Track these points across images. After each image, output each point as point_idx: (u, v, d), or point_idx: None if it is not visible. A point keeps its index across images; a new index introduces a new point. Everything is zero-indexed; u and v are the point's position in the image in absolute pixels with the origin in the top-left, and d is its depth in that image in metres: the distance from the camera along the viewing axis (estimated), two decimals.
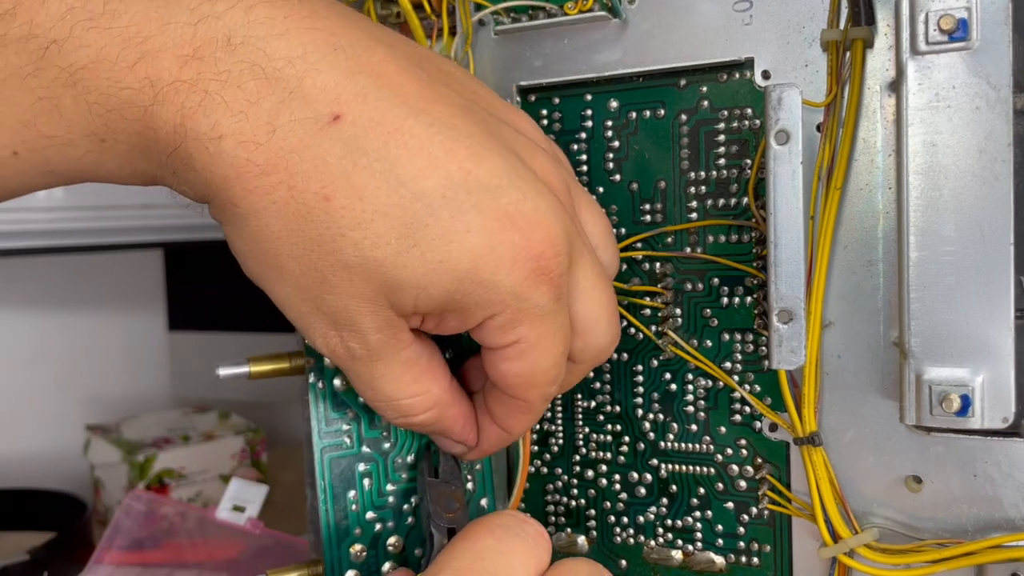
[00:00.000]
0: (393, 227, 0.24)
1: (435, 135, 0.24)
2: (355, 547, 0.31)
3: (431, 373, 0.28)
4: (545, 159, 0.28)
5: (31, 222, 0.68)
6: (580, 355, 0.29)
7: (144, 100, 0.22)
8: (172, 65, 0.22)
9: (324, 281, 0.24)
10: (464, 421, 0.29)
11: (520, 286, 0.25)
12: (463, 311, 0.25)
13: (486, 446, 0.31)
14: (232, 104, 0.23)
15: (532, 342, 0.26)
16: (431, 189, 0.24)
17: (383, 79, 0.24)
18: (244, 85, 0.23)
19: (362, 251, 0.24)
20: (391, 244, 0.24)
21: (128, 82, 0.22)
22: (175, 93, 0.22)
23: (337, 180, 0.23)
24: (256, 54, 0.23)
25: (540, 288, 0.25)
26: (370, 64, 0.24)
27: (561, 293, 0.26)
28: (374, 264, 0.24)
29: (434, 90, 0.25)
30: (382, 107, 0.24)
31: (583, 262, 0.27)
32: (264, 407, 0.90)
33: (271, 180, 0.23)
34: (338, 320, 0.25)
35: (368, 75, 0.24)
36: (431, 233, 0.24)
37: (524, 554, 0.25)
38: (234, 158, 0.23)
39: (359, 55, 0.24)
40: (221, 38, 0.23)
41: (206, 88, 0.23)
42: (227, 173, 0.23)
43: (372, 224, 0.24)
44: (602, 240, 0.30)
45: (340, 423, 0.31)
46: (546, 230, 0.25)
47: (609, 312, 0.29)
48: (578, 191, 0.30)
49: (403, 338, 0.26)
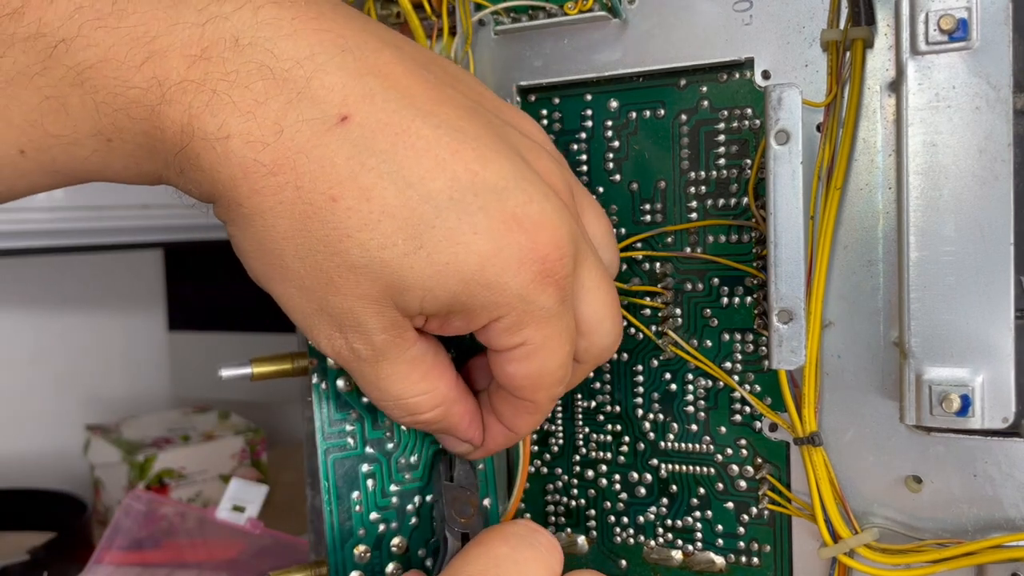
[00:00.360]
0: (400, 228, 0.24)
1: (442, 137, 0.24)
2: (359, 548, 0.31)
3: (437, 371, 0.28)
4: (549, 161, 0.28)
5: (31, 222, 0.68)
6: (584, 355, 0.29)
7: (151, 99, 0.22)
8: (180, 65, 0.22)
9: (330, 282, 0.24)
10: (470, 419, 0.30)
11: (526, 288, 0.25)
12: (469, 313, 0.25)
13: (491, 445, 0.31)
14: (240, 104, 0.23)
15: (538, 344, 0.26)
16: (438, 191, 0.24)
17: (390, 80, 0.24)
18: (252, 85, 0.23)
19: (369, 252, 0.24)
20: (398, 245, 0.24)
21: (135, 81, 0.22)
22: (182, 93, 0.22)
23: (344, 181, 0.23)
24: (264, 55, 0.23)
25: (546, 290, 0.25)
26: (377, 65, 0.24)
27: (566, 295, 0.26)
28: (380, 265, 0.24)
29: (440, 92, 0.25)
30: (389, 108, 0.24)
31: (587, 264, 0.27)
32: (264, 407, 0.90)
33: (278, 180, 0.23)
34: (343, 321, 0.25)
35: (376, 76, 0.24)
36: (438, 235, 0.24)
37: (537, 564, 0.26)
38: (241, 158, 0.23)
39: (367, 56, 0.24)
40: (229, 38, 0.23)
41: (214, 88, 0.23)
42: (234, 173, 0.23)
43: (379, 225, 0.24)
44: (604, 241, 0.30)
45: (344, 424, 0.31)
46: (552, 232, 0.25)
47: (613, 313, 0.29)
48: (581, 193, 0.30)
49: (408, 337, 0.26)
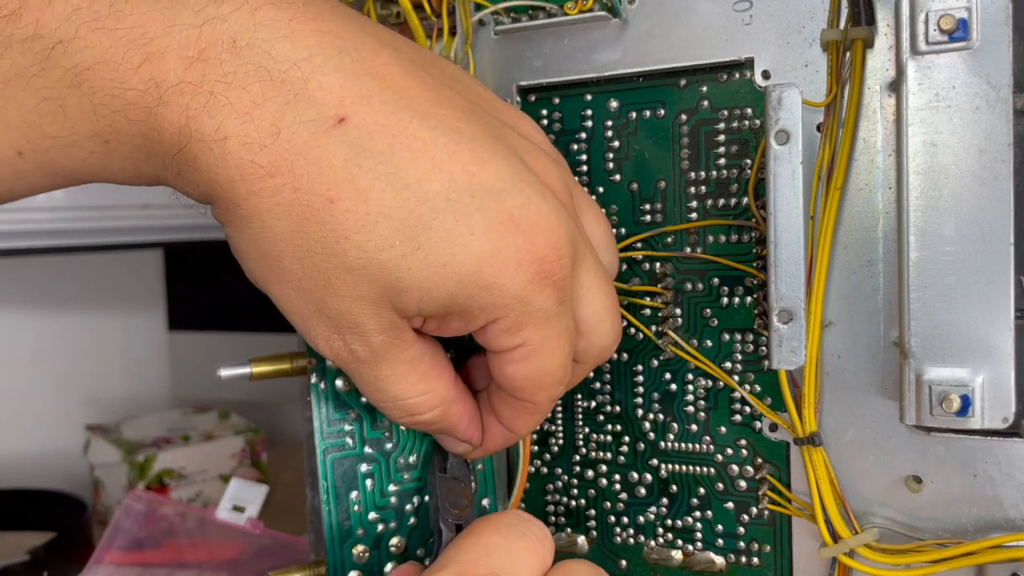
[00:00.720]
0: (397, 230, 0.24)
1: (439, 138, 0.24)
2: (358, 548, 0.31)
3: (436, 371, 0.28)
4: (548, 162, 0.28)
5: (31, 222, 0.68)
6: (584, 355, 0.29)
7: (149, 101, 0.22)
8: (177, 66, 0.22)
9: (327, 283, 0.24)
10: (469, 419, 0.30)
11: (524, 290, 0.25)
12: (466, 314, 0.25)
13: (491, 445, 0.31)
14: (237, 106, 0.23)
15: (537, 345, 0.26)
16: (435, 192, 0.24)
17: (388, 81, 0.24)
18: (249, 87, 0.23)
19: (366, 253, 0.24)
20: (395, 247, 0.24)
21: (133, 83, 0.22)
22: (180, 95, 0.22)
23: (342, 183, 0.23)
24: (261, 56, 0.23)
25: (544, 291, 0.25)
26: (375, 67, 0.24)
27: (565, 296, 0.26)
28: (378, 266, 0.24)
29: (438, 93, 0.25)
30: (387, 110, 0.24)
31: (586, 264, 0.27)
32: (264, 407, 0.90)
33: (276, 182, 0.23)
34: (341, 323, 0.25)
35: (373, 78, 0.24)
36: (435, 236, 0.24)
37: (529, 553, 0.26)
38: (239, 160, 0.23)
39: (364, 58, 0.24)
40: (226, 40, 0.23)
41: (211, 90, 0.23)
42: (231, 175, 0.23)
43: (376, 227, 0.24)
44: (603, 242, 0.30)
45: (342, 424, 0.31)
46: (549, 233, 0.25)
47: (612, 313, 0.29)
48: (580, 194, 0.30)
49: (406, 338, 0.26)
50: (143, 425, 0.80)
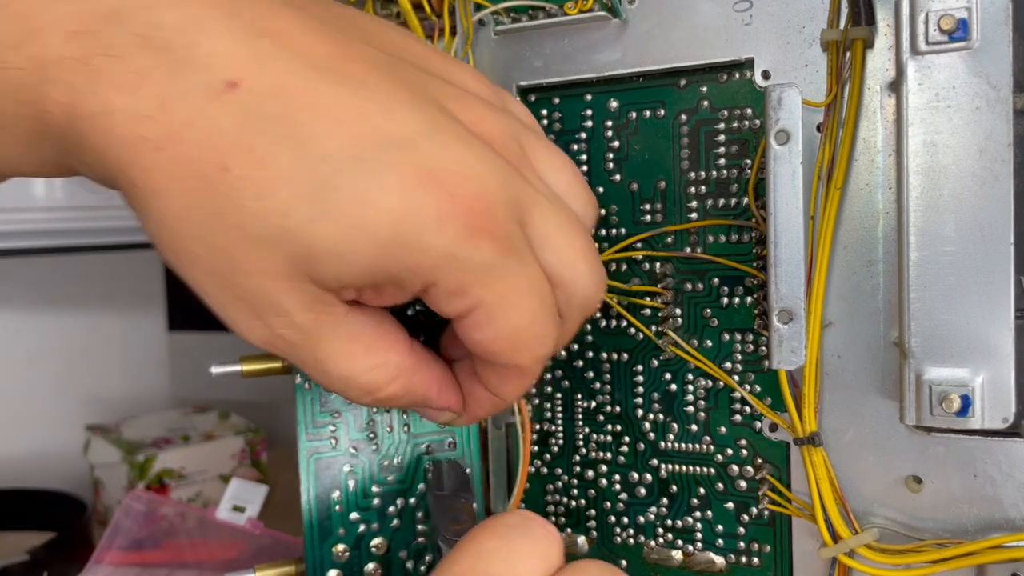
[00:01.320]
0: (300, 194, 0.22)
1: (341, 93, 0.22)
2: (338, 547, 0.31)
3: (384, 341, 0.26)
4: (482, 109, 0.25)
5: (31, 222, 0.68)
6: (567, 308, 0.26)
7: (34, 80, 0.21)
8: (58, 42, 0.21)
9: (234, 262, 0.23)
10: (439, 386, 0.27)
11: (454, 245, 0.23)
12: (397, 279, 0.23)
13: (478, 412, 0.29)
14: (121, 79, 0.21)
15: (493, 303, 0.24)
16: (338, 150, 0.22)
17: (284, 40, 0.23)
18: (133, 58, 0.21)
19: (268, 221, 0.22)
20: (300, 211, 0.22)
21: (16, 62, 0.21)
22: (62, 71, 0.21)
23: (234, 149, 0.22)
24: (144, 26, 0.22)
25: (480, 245, 0.23)
26: (272, 27, 0.23)
27: (512, 246, 0.24)
28: (283, 234, 0.22)
29: (348, 48, 0.23)
30: (282, 69, 0.22)
31: (538, 210, 0.25)
32: (264, 407, 0.90)
33: (166, 156, 0.22)
34: (259, 305, 0.23)
35: (268, 38, 0.22)
36: (343, 196, 0.22)
37: (529, 554, 0.24)
38: (126, 135, 0.22)
39: (259, 19, 0.23)
40: (108, 11, 0.21)
41: (94, 64, 0.21)
42: (122, 152, 0.22)
43: (277, 192, 0.22)
44: (571, 188, 0.28)
45: (326, 424, 0.31)
46: (473, 182, 0.23)
47: (584, 256, 0.26)
48: (531, 139, 0.27)
49: (336, 312, 0.24)
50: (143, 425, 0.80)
